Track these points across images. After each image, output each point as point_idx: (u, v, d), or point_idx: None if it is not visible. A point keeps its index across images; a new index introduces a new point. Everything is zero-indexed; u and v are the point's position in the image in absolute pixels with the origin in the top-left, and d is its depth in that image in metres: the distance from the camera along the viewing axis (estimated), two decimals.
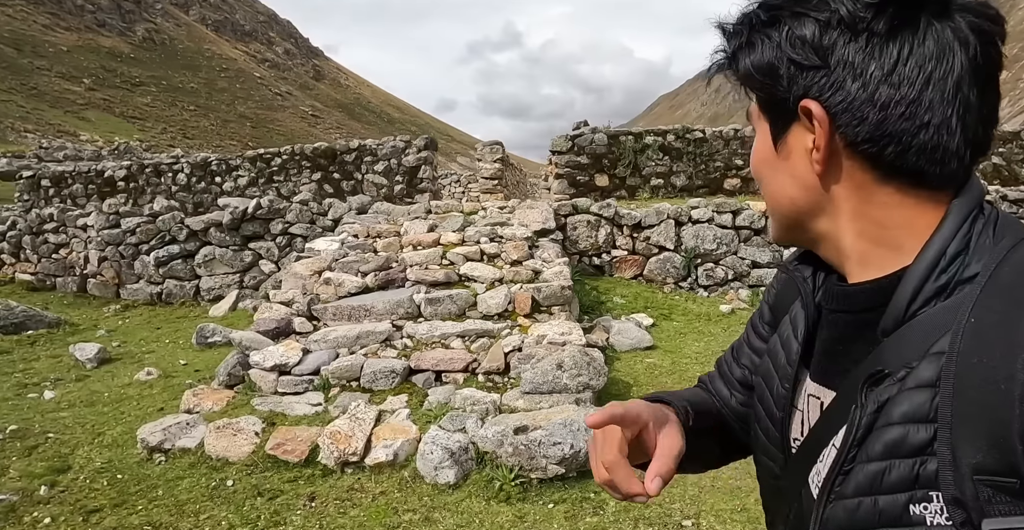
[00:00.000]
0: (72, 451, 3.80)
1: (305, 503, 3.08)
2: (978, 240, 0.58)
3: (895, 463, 0.54)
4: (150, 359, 5.89)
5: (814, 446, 0.67)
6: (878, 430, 0.56)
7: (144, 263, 8.36)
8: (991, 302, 0.53)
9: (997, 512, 0.48)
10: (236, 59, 61.69)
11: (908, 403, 0.54)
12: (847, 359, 0.65)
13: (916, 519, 0.52)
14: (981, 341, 0.51)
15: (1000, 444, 0.48)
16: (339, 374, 4.30)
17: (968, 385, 0.51)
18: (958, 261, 0.57)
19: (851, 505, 0.57)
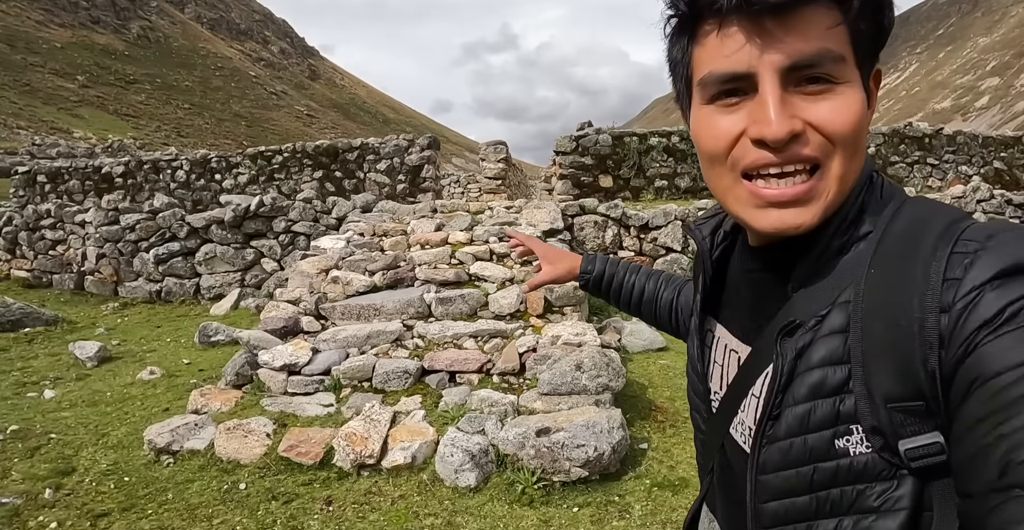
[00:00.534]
0: (76, 452, 3.68)
1: (322, 507, 2.98)
2: (869, 204, 0.64)
3: (818, 403, 0.59)
4: (152, 358, 5.76)
5: (734, 397, 0.72)
6: (800, 375, 0.61)
7: (143, 260, 8.22)
8: (885, 254, 0.60)
9: (909, 433, 0.54)
10: (231, 58, 61.34)
11: (824, 348, 0.60)
12: (761, 315, 0.70)
13: (841, 452, 0.58)
14: (880, 288, 0.58)
15: (906, 373, 0.54)
16: (351, 374, 4.20)
17: (874, 327, 0.57)
18: (855, 223, 0.64)
19: (784, 446, 0.61)
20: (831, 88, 0.59)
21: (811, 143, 0.59)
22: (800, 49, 0.57)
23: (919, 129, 10.17)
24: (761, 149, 0.60)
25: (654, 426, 3.94)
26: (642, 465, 3.41)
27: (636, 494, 3.11)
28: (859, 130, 0.60)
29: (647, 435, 3.78)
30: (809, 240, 0.64)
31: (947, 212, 0.60)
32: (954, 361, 0.52)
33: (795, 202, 0.60)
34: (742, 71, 0.60)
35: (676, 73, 0.69)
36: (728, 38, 0.60)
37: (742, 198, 0.63)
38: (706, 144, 0.65)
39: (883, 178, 0.68)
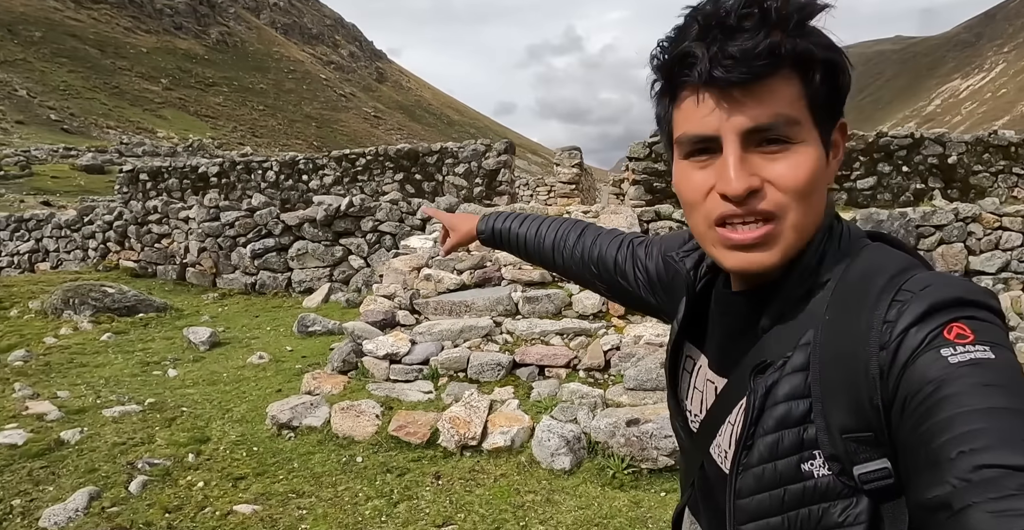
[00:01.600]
0: (207, 424, 4.13)
1: (432, 481, 3.30)
2: (829, 254, 0.71)
3: (785, 433, 0.67)
4: (256, 344, 6.27)
5: (712, 423, 0.80)
6: (768, 409, 0.68)
7: (240, 255, 8.85)
8: (838, 303, 0.67)
9: (862, 460, 0.62)
10: (303, 61, 63.88)
11: (788, 385, 0.67)
12: (736, 352, 0.77)
13: (806, 474, 0.65)
14: (834, 334, 0.65)
15: (856, 408, 0.62)
16: (448, 364, 4.53)
17: (829, 368, 0.65)
18: (816, 272, 0.71)
19: (758, 472, 0.69)
20: (788, 147, 0.66)
21: (768, 198, 0.66)
22: (758, 115, 0.65)
23: (1004, 137, 9.85)
24: (726, 202, 0.67)
25: None
26: None
27: None
28: (812, 185, 0.67)
29: None
30: (777, 287, 0.72)
31: (894, 264, 0.68)
32: (892, 389, 0.59)
33: (756, 245, 0.68)
34: (709, 134, 0.67)
35: (661, 128, 0.78)
36: (700, 104, 0.67)
37: (715, 240, 0.71)
38: (685, 194, 0.73)
39: (844, 225, 0.75)
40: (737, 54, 0.63)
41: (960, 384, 0.54)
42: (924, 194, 9.85)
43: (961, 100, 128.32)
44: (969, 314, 0.60)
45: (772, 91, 0.65)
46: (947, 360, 0.56)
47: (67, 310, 7.30)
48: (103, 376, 5.25)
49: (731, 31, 0.64)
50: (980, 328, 0.58)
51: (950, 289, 0.61)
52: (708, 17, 0.65)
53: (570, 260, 1.19)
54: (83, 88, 44.59)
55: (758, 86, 0.64)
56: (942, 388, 0.55)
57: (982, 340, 0.57)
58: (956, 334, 0.58)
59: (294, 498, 3.17)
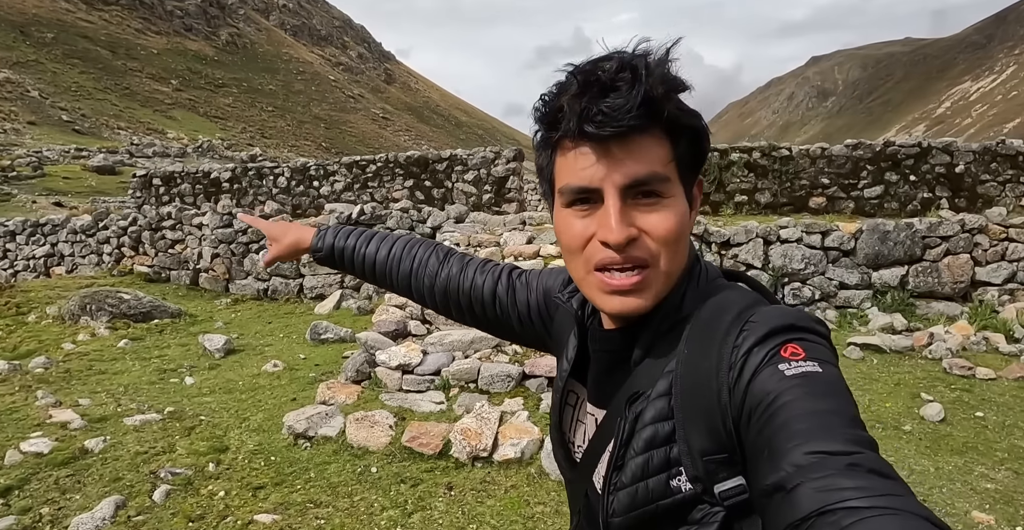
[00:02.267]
0: (225, 433, 4.25)
1: (444, 491, 3.40)
2: (689, 292, 0.79)
3: (654, 453, 0.73)
4: (270, 352, 6.40)
5: (594, 453, 0.85)
6: (637, 432, 0.74)
7: (253, 261, 8.99)
8: (694, 337, 0.74)
9: (721, 479, 0.68)
10: (312, 62, 64.25)
11: (654, 409, 0.74)
12: (611, 385, 0.83)
13: (675, 490, 0.72)
14: (691, 365, 0.72)
15: (713, 433, 0.69)
16: (459, 375, 4.64)
17: (687, 396, 0.71)
18: (677, 309, 0.78)
19: (631, 491, 0.74)
20: (659, 201, 0.73)
21: (643, 246, 0.73)
22: (636, 171, 0.71)
23: (1012, 147, 9.87)
24: (607, 249, 0.73)
25: None
26: None
27: None
28: (680, 234, 0.75)
29: None
30: (645, 324, 0.79)
31: (742, 301, 0.76)
32: (739, 403, 0.67)
33: (632, 290, 0.74)
34: (591, 186, 0.73)
35: (542, 176, 0.83)
36: (581, 156, 0.73)
37: (594, 285, 0.77)
38: (565, 240, 0.78)
39: (701, 266, 0.83)
40: (607, 110, 0.68)
41: (793, 393, 0.63)
42: (931, 203, 9.89)
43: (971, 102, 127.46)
44: (800, 336, 0.69)
45: (645, 149, 0.71)
46: (783, 373, 0.65)
47: (84, 316, 7.45)
48: (122, 384, 5.38)
49: (606, 90, 0.70)
50: (810, 348, 0.67)
51: (785, 317, 0.71)
52: (586, 75, 0.71)
53: (429, 287, 1.16)
54: (94, 89, 45.01)
55: (631, 144, 0.71)
56: (780, 397, 0.63)
57: (811, 357, 0.66)
58: (791, 352, 0.67)
59: (312, 508, 3.28)
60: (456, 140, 64.17)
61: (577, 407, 0.94)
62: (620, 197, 0.73)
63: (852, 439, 0.59)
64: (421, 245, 1.21)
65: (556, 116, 0.74)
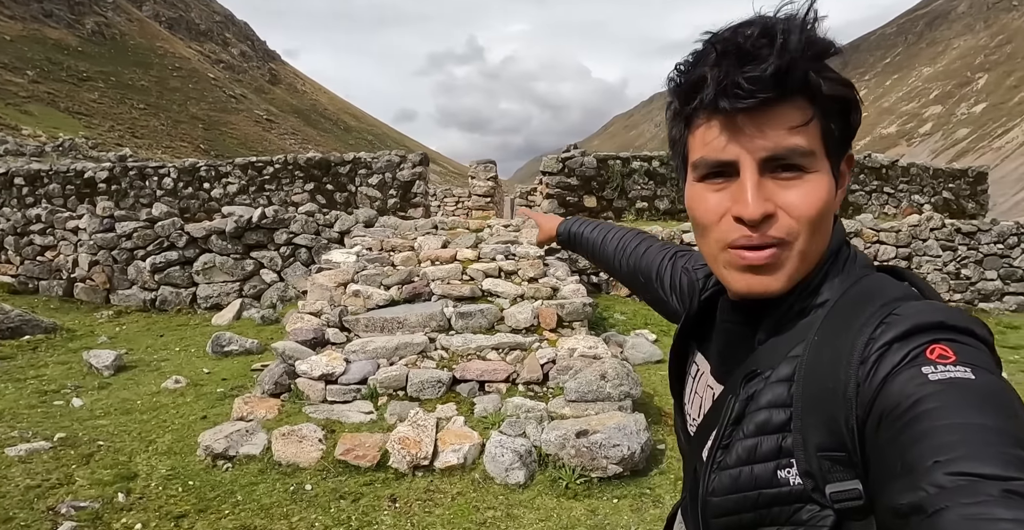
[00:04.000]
0: (130, 459, 3.85)
1: (389, 504, 3.27)
2: (831, 277, 0.74)
3: (764, 438, 0.69)
4: (168, 367, 5.89)
5: (707, 429, 0.82)
6: (750, 414, 0.71)
7: (139, 269, 8.26)
8: (828, 325, 0.69)
9: (835, 479, 0.63)
10: (190, 58, 60.11)
11: (771, 393, 0.70)
12: (733, 361, 0.81)
13: (782, 482, 0.67)
14: (819, 355, 0.68)
15: (833, 429, 0.64)
16: (387, 383, 4.48)
17: (811, 387, 0.67)
18: (816, 293, 0.74)
19: (734, 473, 0.71)
20: (801, 176, 0.69)
21: (780, 224, 0.69)
22: (775, 144, 0.67)
23: (877, 160, 11.02)
24: (741, 226, 0.69)
25: (666, 429, 4.34)
26: (663, 463, 3.80)
27: (664, 487, 3.51)
28: (823, 213, 0.70)
29: (662, 437, 4.18)
30: (777, 301, 0.74)
31: (890, 292, 0.70)
32: (868, 404, 0.61)
33: (765, 267, 0.70)
34: (727, 159, 0.70)
35: (675, 150, 0.80)
36: (716, 128, 0.70)
37: (727, 262, 0.73)
38: (699, 216, 0.75)
39: (851, 251, 0.78)
40: (746, 82, 0.65)
41: (938, 400, 0.56)
42: None
43: None
44: (951, 337, 0.61)
45: (786, 120, 0.67)
46: (926, 377, 0.58)
47: None
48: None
49: (744, 58, 0.66)
50: (963, 350, 0.60)
51: (935, 313, 0.64)
52: (725, 43, 0.67)
53: (626, 267, 1.27)
54: None
55: (771, 114, 0.67)
56: (920, 403, 0.56)
57: (964, 361, 0.59)
58: (938, 354, 0.59)
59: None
60: (345, 145, 62.34)
61: (697, 379, 0.92)
62: (757, 170, 0.69)
63: (1012, 461, 0.51)
64: (627, 232, 1.36)
65: (692, 88, 0.71)
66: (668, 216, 10.74)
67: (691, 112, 0.73)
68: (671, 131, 0.80)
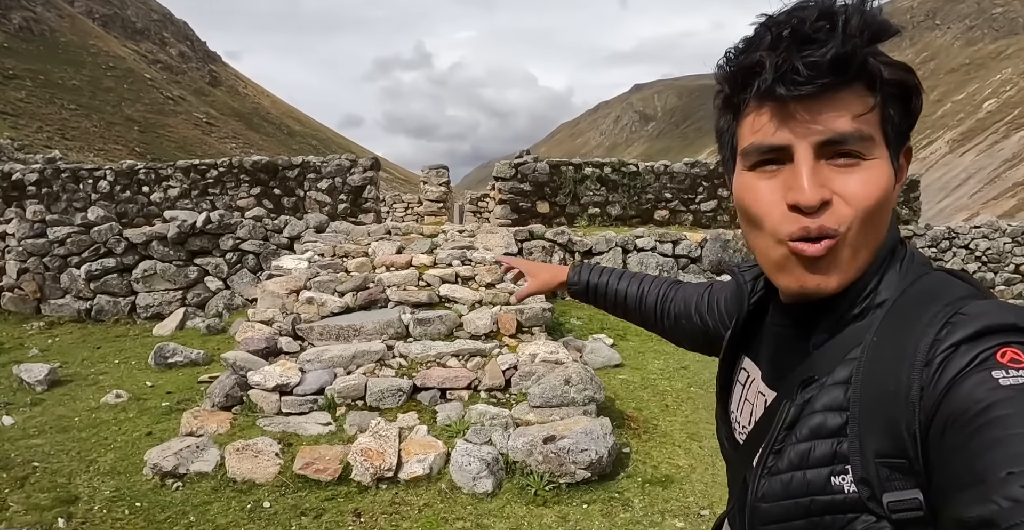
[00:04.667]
0: (69, 480, 3.61)
1: (353, 519, 3.16)
2: (888, 275, 0.71)
3: (818, 443, 0.66)
4: (107, 381, 5.56)
5: (758, 436, 0.78)
6: (804, 418, 0.68)
7: (73, 276, 7.81)
8: (888, 326, 0.66)
9: (893, 487, 0.60)
10: (125, 58, 57.49)
11: (828, 396, 0.67)
12: (786, 366, 0.77)
13: (836, 488, 0.64)
14: (879, 356, 0.65)
15: (893, 434, 0.60)
16: (345, 393, 4.35)
17: (869, 390, 0.64)
18: (873, 293, 0.70)
19: (786, 479, 0.68)
20: (859, 163, 0.65)
21: (836, 213, 0.65)
22: (832, 128, 0.64)
23: None
24: (796, 215, 0.66)
25: (630, 433, 4.36)
26: (629, 466, 3.81)
27: (632, 490, 3.51)
28: (882, 204, 0.66)
29: (627, 441, 4.19)
30: (831, 303, 0.71)
31: (953, 292, 0.67)
32: (932, 408, 0.58)
33: (819, 264, 0.67)
34: (780, 144, 0.66)
35: (722, 141, 0.77)
36: (769, 115, 0.67)
37: (779, 259, 0.69)
38: (751, 207, 0.70)
39: (907, 249, 0.74)
40: (804, 67, 0.62)
41: (1011, 406, 0.53)
42: None
43: None
44: (1023, 340, 0.58)
45: (843, 105, 0.65)
46: (997, 382, 0.55)
47: None
48: None
49: (802, 42, 0.63)
50: None
51: (1007, 315, 0.60)
52: (780, 26, 0.64)
53: (669, 319, 1.21)
54: None
55: (829, 99, 0.64)
56: (991, 409, 0.53)
57: None
58: (1010, 358, 0.56)
59: None
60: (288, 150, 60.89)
61: (747, 386, 0.88)
62: (814, 155, 0.65)
63: None
64: (635, 278, 1.31)
65: (746, 73, 0.68)
66: (620, 222, 10.88)
67: (742, 99, 0.70)
68: (718, 121, 0.76)
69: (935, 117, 69.35)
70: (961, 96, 71.65)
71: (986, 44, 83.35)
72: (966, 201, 48.43)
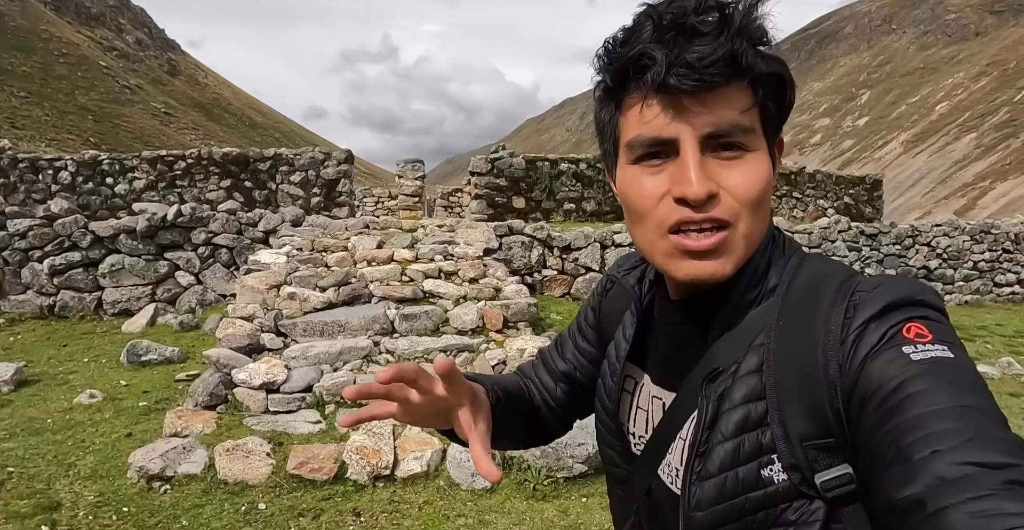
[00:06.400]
0: (48, 486, 3.46)
1: (352, 519, 3.10)
2: (774, 260, 0.71)
3: (746, 437, 0.64)
4: (77, 380, 5.35)
5: (661, 441, 0.76)
6: (725, 413, 0.66)
7: (34, 271, 7.48)
8: (790, 309, 0.67)
9: (823, 467, 0.60)
10: (79, 44, 55.27)
11: (745, 387, 0.66)
12: (682, 364, 0.74)
13: (767, 481, 0.63)
14: (788, 339, 0.65)
15: (816, 414, 0.61)
16: (333, 390, 4.28)
17: (784, 374, 0.63)
18: (764, 277, 0.71)
19: (719, 481, 0.65)
20: (742, 155, 0.65)
21: (723, 204, 0.65)
22: (718, 120, 0.64)
23: (786, 167, 11.71)
24: (683, 207, 0.65)
25: None
26: None
27: None
28: (765, 194, 0.67)
29: None
30: (725, 294, 0.70)
31: (840, 272, 0.68)
32: (849, 385, 0.59)
33: (711, 253, 0.66)
34: (666, 137, 0.65)
35: (604, 133, 0.74)
36: (654, 107, 0.65)
37: (667, 251, 0.67)
38: (633, 201, 0.69)
39: (784, 235, 0.75)
40: (694, 61, 0.61)
41: (924, 381, 0.54)
42: None
43: None
44: (923, 314, 0.61)
45: (728, 99, 0.64)
46: (908, 357, 0.56)
47: None
48: None
49: (689, 34, 0.62)
50: (936, 328, 0.59)
51: (902, 288, 0.62)
52: (663, 17, 0.63)
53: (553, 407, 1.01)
54: None
55: (715, 93, 0.63)
56: (907, 385, 0.54)
57: (940, 339, 0.58)
58: (915, 333, 0.58)
59: None
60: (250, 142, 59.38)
61: (636, 393, 0.84)
62: (699, 148, 0.65)
63: (1006, 447, 0.50)
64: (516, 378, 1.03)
65: (627, 65, 0.66)
66: (595, 217, 10.93)
67: (624, 90, 0.68)
68: (600, 113, 0.74)
69: (891, 119, 71.60)
70: (915, 99, 74.06)
71: (939, 49, 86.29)
72: (919, 200, 50.22)
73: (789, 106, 0.70)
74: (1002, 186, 44.96)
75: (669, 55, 0.62)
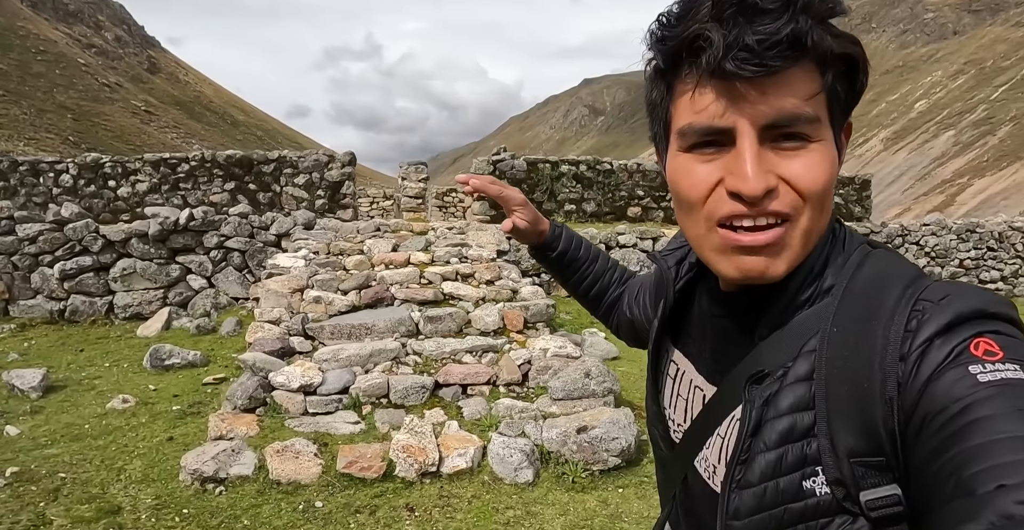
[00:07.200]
0: (104, 490, 3.55)
1: (407, 514, 3.25)
2: (832, 258, 0.66)
3: (789, 448, 0.61)
4: (104, 385, 5.42)
5: (699, 434, 0.74)
6: (769, 422, 0.62)
7: (44, 276, 7.50)
8: (847, 314, 0.61)
9: (870, 485, 0.57)
10: (56, 41, 54.31)
11: (792, 395, 0.62)
12: (726, 359, 0.72)
13: (808, 493, 0.60)
14: (843, 348, 0.60)
15: (868, 431, 0.57)
16: (370, 391, 4.41)
17: (837, 384, 0.59)
18: (820, 276, 0.66)
19: (759, 491, 0.63)
20: (805, 146, 0.60)
21: (782, 198, 0.60)
22: (778, 109, 0.58)
23: None
24: (735, 201, 0.61)
25: (642, 421, 4.57)
26: (649, 452, 4.02)
27: None
28: (828, 187, 0.62)
29: (642, 428, 4.40)
30: (776, 290, 0.66)
31: (905, 273, 0.63)
32: (909, 406, 0.54)
33: (765, 249, 0.61)
34: (721, 126, 0.60)
35: (654, 115, 0.70)
36: (708, 94, 0.60)
37: (716, 245, 0.64)
38: (683, 190, 0.65)
39: (845, 229, 0.70)
40: (755, 44, 0.56)
41: (992, 406, 0.49)
42: None
43: None
44: (994, 328, 0.55)
45: (792, 84, 0.59)
46: (976, 378, 0.52)
47: None
48: None
49: (750, 13, 0.57)
50: (1008, 345, 0.54)
51: (972, 300, 0.57)
52: None
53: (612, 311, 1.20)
54: None
55: (778, 78, 0.58)
56: (972, 409, 0.50)
57: (1011, 358, 0.53)
58: (984, 350, 0.53)
59: None
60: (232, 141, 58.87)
61: (678, 379, 0.82)
62: (757, 139, 0.60)
63: None
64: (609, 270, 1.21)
65: (683, 45, 0.61)
66: (595, 218, 11.13)
67: (678, 71, 0.64)
68: (650, 93, 0.69)
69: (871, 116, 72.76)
70: (895, 97, 75.38)
71: (918, 48, 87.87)
72: (898, 197, 51.16)
73: (861, 90, 0.65)
74: (980, 182, 46.01)
75: (727, 36, 0.57)
